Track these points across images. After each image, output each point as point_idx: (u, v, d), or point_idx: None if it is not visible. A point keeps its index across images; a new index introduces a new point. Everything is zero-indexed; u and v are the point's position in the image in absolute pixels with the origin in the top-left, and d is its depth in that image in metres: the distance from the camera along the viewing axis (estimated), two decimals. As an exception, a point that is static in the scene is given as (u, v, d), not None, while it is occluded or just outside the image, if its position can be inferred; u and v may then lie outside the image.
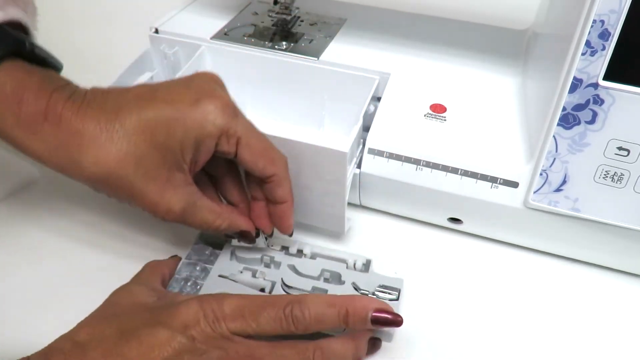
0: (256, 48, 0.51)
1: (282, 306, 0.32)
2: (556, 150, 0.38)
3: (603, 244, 0.41)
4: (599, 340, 0.39)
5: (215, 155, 0.36)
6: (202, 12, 0.56)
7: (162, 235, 0.45)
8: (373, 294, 0.40)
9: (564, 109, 0.37)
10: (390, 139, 0.43)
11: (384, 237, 0.46)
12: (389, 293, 0.40)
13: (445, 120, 0.44)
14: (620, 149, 0.37)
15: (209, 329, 0.31)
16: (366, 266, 0.42)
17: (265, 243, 0.42)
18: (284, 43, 0.51)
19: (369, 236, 0.46)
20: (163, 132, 0.33)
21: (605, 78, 0.35)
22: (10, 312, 0.39)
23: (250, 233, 0.40)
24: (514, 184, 0.41)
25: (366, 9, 0.58)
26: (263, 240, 0.41)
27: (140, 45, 0.51)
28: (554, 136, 0.38)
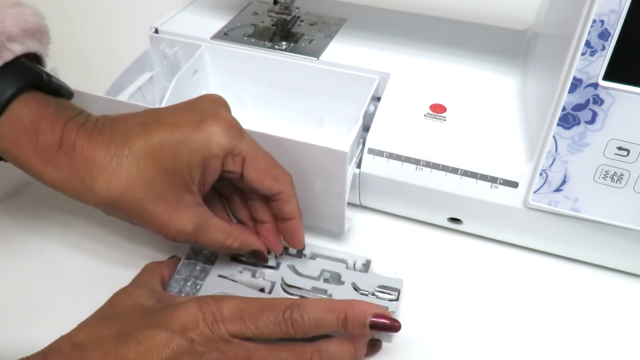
0: (256, 48, 0.51)
1: (282, 310, 0.32)
2: (556, 150, 0.38)
3: (603, 244, 0.41)
4: (599, 340, 0.39)
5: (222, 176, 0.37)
6: (202, 12, 0.56)
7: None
8: (373, 294, 0.40)
9: (564, 109, 0.37)
10: (390, 139, 0.43)
11: (384, 237, 0.46)
12: (389, 293, 0.40)
13: (445, 120, 0.44)
14: (620, 149, 0.37)
15: (208, 331, 0.31)
16: (366, 266, 0.42)
17: (275, 261, 0.42)
18: (284, 43, 0.51)
19: (369, 236, 0.46)
20: (170, 156, 0.33)
21: (605, 78, 0.35)
22: (8, 313, 0.39)
23: (262, 252, 0.40)
24: (514, 184, 0.41)
25: (366, 9, 0.58)
26: (273, 258, 0.42)
27: (140, 45, 0.51)
28: (554, 136, 0.38)
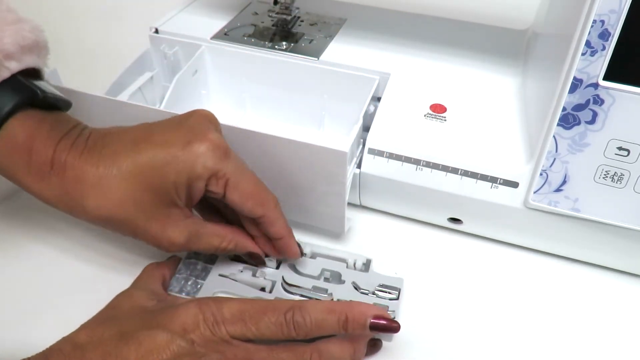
0: (256, 48, 0.51)
1: (283, 311, 0.32)
2: (556, 150, 0.38)
3: (603, 244, 0.41)
4: (598, 340, 0.39)
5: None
6: (202, 12, 0.56)
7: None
8: (373, 294, 0.40)
9: (564, 109, 0.37)
10: (390, 139, 0.43)
11: (384, 237, 0.46)
12: (389, 292, 0.40)
13: (445, 120, 0.44)
14: (620, 149, 0.37)
15: (209, 332, 0.31)
16: (366, 266, 0.42)
17: (275, 261, 0.41)
18: (284, 43, 0.51)
19: (369, 236, 0.46)
20: (157, 175, 0.34)
21: (605, 78, 0.35)
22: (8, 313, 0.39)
23: (259, 255, 0.40)
24: (514, 184, 0.41)
25: (366, 9, 0.58)
26: (274, 259, 0.41)
27: (140, 45, 0.51)
28: (554, 136, 0.38)
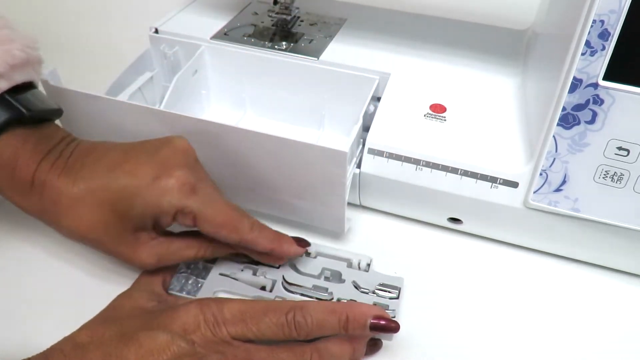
0: (256, 48, 0.51)
1: (284, 312, 0.32)
2: (556, 150, 0.38)
3: (603, 244, 0.41)
4: (598, 340, 0.39)
5: None
6: (202, 12, 0.56)
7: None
8: (373, 293, 0.40)
9: (564, 109, 0.37)
10: (390, 139, 0.43)
11: (384, 237, 0.46)
12: (389, 291, 0.40)
13: (445, 120, 0.44)
14: (620, 149, 0.37)
15: (209, 332, 0.31)
16: (367, 265, 0.42)
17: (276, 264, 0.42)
18: (284, 43, 0.51)
19: (369, 236, 0.46)
20: (125, 204, 0.35)
21: (605, 78, 0.35)
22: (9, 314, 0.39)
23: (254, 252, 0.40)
24: (514, 184, 0.41)
25: (366, 9, 0.58)
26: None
27: (140, 45, 0.51)
28: (554, 136, 0.38)
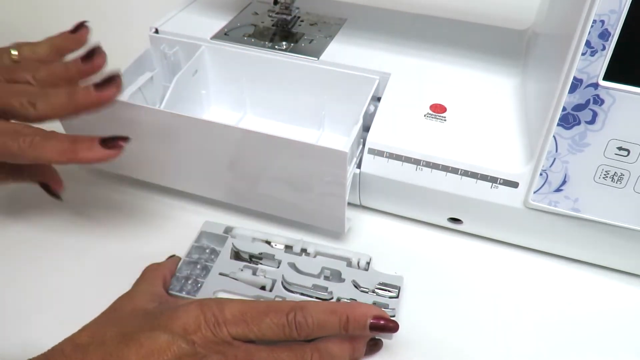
0: (256, 48, 0.51)
1: (285, 312, 0.32)
2: (556, 150, 0.38)
3: (603, 244, 0.41)
4: (598, 340, 0.39)
5: None
6: (202, 12, 0.56)
7: (162, 235, 0.45)
8: (373, 292, 0.40)
9: (564, 109, 0.37)
10: (390, 139, 0.43)
11: (384, 237, 0.46)
12: (389, 290, 0.40)
13: (445, 120, 0.44)
14: (620, 149, 0.37)
15: (210, 333, 0.31)
16: (366, 264, 0.42)
17: (276, 260, 0.41)
18: (284, 43, 0.51)
19: (369, 236, 0.46)
20: None
21: (605, 78, 0.35)
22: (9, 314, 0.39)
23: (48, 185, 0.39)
24: (514, 184, 0.41)
25: (366, 9, 0.58)
26: (274, 260, 0.41)
27: (140, 45, 0.51)
28: (554, 136, 0.38)
